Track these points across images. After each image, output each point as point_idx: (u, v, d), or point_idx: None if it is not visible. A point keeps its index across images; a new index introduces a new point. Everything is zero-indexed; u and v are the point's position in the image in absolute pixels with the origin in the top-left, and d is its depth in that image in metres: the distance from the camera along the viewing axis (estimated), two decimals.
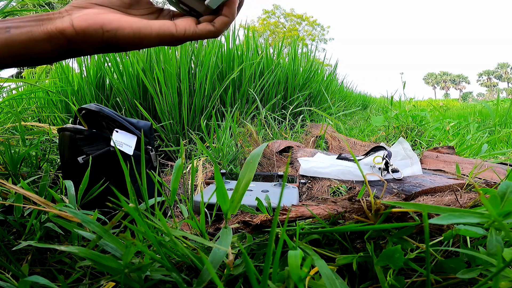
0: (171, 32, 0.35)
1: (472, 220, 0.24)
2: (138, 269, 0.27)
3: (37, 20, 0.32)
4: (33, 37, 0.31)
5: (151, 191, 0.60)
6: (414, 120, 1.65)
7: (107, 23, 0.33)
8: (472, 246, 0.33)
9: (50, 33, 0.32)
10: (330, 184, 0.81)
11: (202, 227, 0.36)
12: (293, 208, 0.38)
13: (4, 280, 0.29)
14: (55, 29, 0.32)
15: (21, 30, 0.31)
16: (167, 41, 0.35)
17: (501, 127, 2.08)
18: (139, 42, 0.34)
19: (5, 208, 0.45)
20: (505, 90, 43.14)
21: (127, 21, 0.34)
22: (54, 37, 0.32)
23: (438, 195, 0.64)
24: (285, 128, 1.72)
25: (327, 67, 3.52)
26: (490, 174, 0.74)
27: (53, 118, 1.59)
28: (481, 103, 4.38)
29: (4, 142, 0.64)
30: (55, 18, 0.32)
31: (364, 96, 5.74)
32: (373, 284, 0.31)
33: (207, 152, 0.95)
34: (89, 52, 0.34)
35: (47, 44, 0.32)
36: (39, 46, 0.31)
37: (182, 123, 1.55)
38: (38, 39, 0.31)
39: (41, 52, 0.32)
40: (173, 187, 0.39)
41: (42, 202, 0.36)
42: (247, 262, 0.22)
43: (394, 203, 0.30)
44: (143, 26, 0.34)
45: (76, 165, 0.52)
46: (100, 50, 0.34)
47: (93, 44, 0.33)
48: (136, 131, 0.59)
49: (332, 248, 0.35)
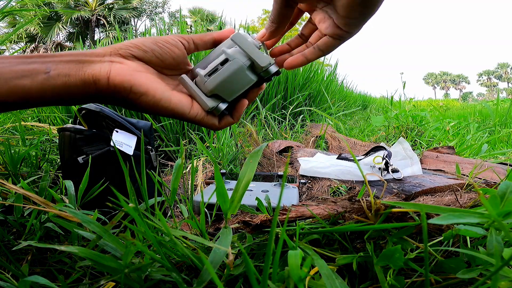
0: (184, 112, 0.36)
1: (472, 220, 0.24)
2: (138, 269, 0.27)
3: (78, 62, 0.31)
4: (68, 83, 0.31)
5: (151, 191, 0.60)
6: (414, 120, 1.65)
7: (137, 85, 0.33)
8: (472, 246, 0.33)
9: (85, 81, 0.31)
10: (330, 184, 0.81)
11: (202, 227, 0.36)
12: (293, 208, 0.38)
13: (4, 280, 0.29)
14: (92, 76, 0.31)
15: (59, 73, 0.30)
16: (178, 118, 0.37)
17: (501, 127, 2.08)
18: (154, 111, 0.35)
19: (5, 208, 0.45)
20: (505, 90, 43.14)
21: (154, 88, 0.34)
22: (87, 85, 0.32)
23: (438, 195, 0.64)
24: (285, 128, 1.72)
25: (327, 67, 3.52)
26: (490, 174, 0.74)
27: (53, 118, 1.59)
28: (481, 103, 4.38)
29: (4, 142, 0.64)
30: (95, 62, 0.32)
31: (364, 96, 5.74)
32: (373, 284, 0.31)
33: (207, 152, 0.95)
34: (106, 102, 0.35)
35: (79, 90, 0.32)
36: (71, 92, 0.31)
37: (182, 123, 1.55)
38: (72, 86, 0.31)
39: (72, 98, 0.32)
40: (173, 187, 0.39)
41: (42, 202, 0.36)
42: (247, 262, 0.22)
43: (394, 203, 0.30)
44: (164, 98, 0.35)
45: (76, 165, 0.52)
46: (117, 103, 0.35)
47: (114, 98, 0.34)
48: (136, 131, 0.59)
49: (332, 248, 0.35)
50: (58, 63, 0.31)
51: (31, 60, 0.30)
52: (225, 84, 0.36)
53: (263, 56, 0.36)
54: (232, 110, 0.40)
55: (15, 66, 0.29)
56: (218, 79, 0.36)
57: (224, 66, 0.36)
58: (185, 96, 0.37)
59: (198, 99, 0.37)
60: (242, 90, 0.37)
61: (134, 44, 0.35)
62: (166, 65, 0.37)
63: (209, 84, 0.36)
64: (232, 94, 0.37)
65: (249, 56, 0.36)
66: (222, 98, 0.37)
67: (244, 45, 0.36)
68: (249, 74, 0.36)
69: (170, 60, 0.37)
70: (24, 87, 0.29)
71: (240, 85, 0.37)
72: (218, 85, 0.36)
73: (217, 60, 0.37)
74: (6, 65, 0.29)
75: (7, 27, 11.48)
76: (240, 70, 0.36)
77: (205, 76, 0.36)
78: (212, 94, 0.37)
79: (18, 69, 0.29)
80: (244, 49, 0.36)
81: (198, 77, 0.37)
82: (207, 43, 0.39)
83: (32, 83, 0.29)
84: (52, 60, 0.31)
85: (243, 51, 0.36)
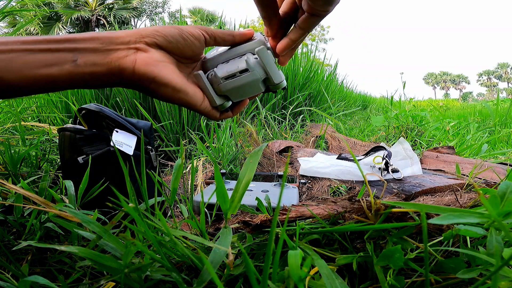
0: (197, 104, 0.38)
1: (472, 220, 0.24)
2: (138, 269, 0.27)
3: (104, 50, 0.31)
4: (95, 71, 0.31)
5: (151, 191, 0.60)
6: (414, 120, 1.65)
7: (160, 77, 0.34)
8: (472, 246, 0.33)
9: (112, 70, 0.32)
10: (330, 184, 0.81)
11: (202, 227, 0.36)
12: (293, 208, 0.38)
13: (4, 280, 0.29)
14: (118, 66, 0.32)
15: (86, 61, 0.30)
16: (189, 108, 0.38)
17: (501, 127, 2.08)
18: (170, 100, 0.36)
19: (5, 208, 0.45)
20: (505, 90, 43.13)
21: (174, 81, 0.35)
22: (113, 73, 0.32)
23: (438, 195, 0.64)
24: (285, 128, 1.72)
25: (327, 67, 3.52)
26: (490, 174, 0.74)
27: (53, 118, 1.59)
28: (481, 103, 4.38)
29: (4, 142, 0.64)
30: (121, 50, 0.32)
31: (364, 96, 5.74)
32: (373, 284, 0.31)
33: (207, 152, 0.95)
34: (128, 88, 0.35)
35: (105, 78, 0.32)
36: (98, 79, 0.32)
37: (182, 123, 1.55)
38: (99, 74, 0.31)
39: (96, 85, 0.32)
40: (173, 187, 0.39)
41: (42, 202, 0.36)
42: (247, 262, 0.22)
43: (394, 203, 0.30)
44: (182, 90, 0.36)
45: (76, 165, 0.52)
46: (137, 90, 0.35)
47: (135, 85, 0.34)
48: (136, 131, 0.59)
49: (332, 248, 0.35)
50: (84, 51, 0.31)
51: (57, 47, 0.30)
52: (238, 90, 0.39)
53: (278, 74, 0.39)
54: (234, 107, 0.43)
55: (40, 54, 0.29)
56: (233, 85, 0.38)
57: (242, 75, 0.38)
58: (198, 90, 0.38)
59: (208, 96, 0.39)
60: (248, 96, 0.40)
61: (160, 33, 0.35)
62: (185, 56, 0.38)
63: (223, 87, 0.38)
64: (239, 98, 0.40)
65: (267, 71, 0.38)
66: (229, 98, 0.40)
67: (266, 61, 0.38)
68: (261, 85, 0.39)
69: (189, 52, 0.37)
70: (52, 75, 0.29)
71: (249, 92, 0.40)
72: (231, 90, 0.39)
73: (237, 65, 0.38)
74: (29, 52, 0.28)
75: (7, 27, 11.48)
76: (254, 82, 0.38)
77: (222, 79, 0.38)
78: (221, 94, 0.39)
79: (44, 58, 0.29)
80: (265, 64, 0.38)
81: (214, 76, 0.39)
82: (226, 42, 0.40)
83: (60, 72, 0.29)
84: (79, 47, 0.30)
85: (263, 65, 0.38)
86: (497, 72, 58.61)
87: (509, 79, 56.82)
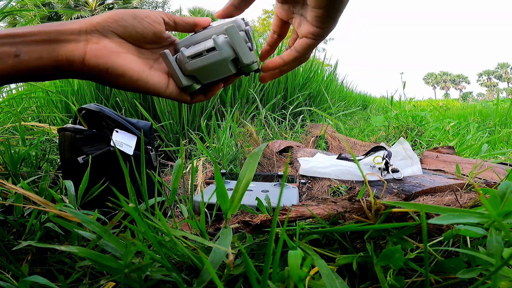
0: (160, 91, 0.37)
1: (472, 220, 0.24)
2: (138, 269, 0.27)
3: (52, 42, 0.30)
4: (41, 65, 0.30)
5: (151, 191, 0.60)
6: (414, 120, 1.65)
7: (114, 67, 0.33)
8: (472, 246, 0.33)
9: (59, 62, 0.31)
10: (330, 184, 0.81)
11: (202, 227, 0.36)
12: (293, 208, 0.38)
13: (4, 280, 0.29)
14: (66, 58, 0.31)
15: (31, 56, 0.29)
16: (153, 94, 0.38)
17: (501, 127, 2.08)
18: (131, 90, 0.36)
19: (5, 208, 0.45)
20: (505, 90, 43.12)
21: (131, 70, 0.34)
22: (61, 65, 0.31)
23: (438, 195, 0.64)
24: (285, 128, 1.72)
25: (327, 67, 3.52)
26: (490, 174, 0.74)
27: (53, 118, 1.59)
28: (481, 103, 4.38)
29: (4, 142, 0.64)
30: (71, 41, 0.31)
31: (364, 96, 5.74)
32: (373, 284, 0.31)
33: (207, 152, 0.95)
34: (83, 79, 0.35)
35: (54, 71, 0.31)
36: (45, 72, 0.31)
37: (182, 123, 1.55)
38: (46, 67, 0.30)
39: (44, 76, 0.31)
40: (173, 187, 0.39)
41: (42, 202, 0.36)
42: (247, 262, 0.22)
43: (394, 203, 0.30)
44: (141, 79, 0.35)
45: (76, 165, 0.52)
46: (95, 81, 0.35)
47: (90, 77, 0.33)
48: (136, 131, 0.59)
49: (332, 248, 0.35)
50: (29, 44, 0.29)
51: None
52: (205, 69, 0.37)
53: (248, 54, 0.37)
54: (207, 91, 0.42)
55: None
56: (199, 64, 0.37)
57: (209, 54, 0.37)
58: (161, 75, 0.38)
59: (174, 76, 0.38)
60: (218, 77, 0.39)
61: (113, 19, 0.34)
62: (147, 40, 0.37)
63: (189, 66, 0.37)
64: (208, 79, 0.39)
65: (236, 50, 0.37)
66: (197, 80, 0.39)
67: (235, 39, 0.36)
68: (230, 66, 0.38)
69: (150, 35, 0.36)
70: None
71: (218, 73, 0.38)
72: (197, 69, 0.37)
73: (204, 45, 0.37)
74: None
75: (7, 27, 11.49)
76: (223, 61, 0.37)
77: (188, 57, 0.37)
78: (189, 75, 0.38)
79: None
80: (234, 43, 0.36)
81: (181, 56, 0.37)
82: (186, 25, 0.40)
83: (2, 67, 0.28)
84: (23, 40, 0.29)
85: (232, 44, 0.36)
86: (497, 72, 58.60)
87: (509, 79, 56.82)
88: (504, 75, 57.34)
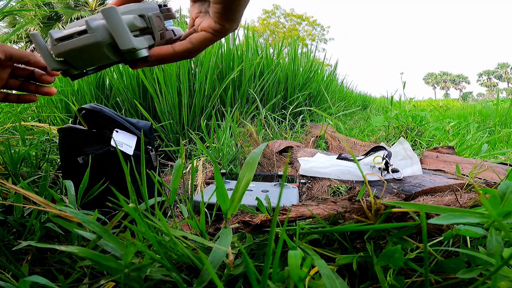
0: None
1: (472, 220, 0.24)
2: (138, 269, 0.27)
3: None
4: None
5: (151, 191, 0.60)
6: (414, 120, 1.65)
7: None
8: (472, 246, 0.33)
9: None
10: (330, 184, 0.81)
11: (202, 227, 0.36)
12: (293, 208, 0.38)
13: (4, 280, 0.29)
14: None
15: None
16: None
17: (501, 127, 2.08)
18: None
19: (5, 208, 0.45)
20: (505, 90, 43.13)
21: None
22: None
23: (438, 195, 0.64)
24: (285, 128, 1.72)
25: (327, 67, 3.52)
26: (490, 174, 0.74)
27: (53, 118, 1.59)
28: (481, 103, 4.38)
29: (4, 142, 0.64)
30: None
31: (364, 96, 5.74)
32: (373, 284, 0.31)
33: (207, 152, 0.95)
34: None
35: None
36: None
37: (182, 123, 1.55)
38: None
39: None
40: (173, 187, 0.39)
41: (42, 202, 0.36)
42: (247, 262, 0.22)
43: (394, 203, 0.30)
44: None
45: (76, 165, 0.52)
46: None
47: None
48: (136, 131, 0.59)
49: (332, 248, 0.35)
50: None
51: None
52: (76, 54, 0.34)
53: (126, 39, 0.33)
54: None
55: None
56: (69, 47, 0.34)
57: (80, 37, 0.33)
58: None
59: (44, 59, 0.36)
60: (98, 64, 0.36)
61: None
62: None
63: (56, 49, 0.34)
64: (84, 65, 0.36)
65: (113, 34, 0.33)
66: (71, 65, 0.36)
67: (112, 22, 0.33)
68: (107, 52, 0.34)
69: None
70: None
71: (95, 59, 0.35)
72: (68, 53, 0.34)
73: (76, 28, 0.34)
74: None
75: (7, 27, 11.47)
76: (96, 46, 0.33)
77: (56, 40, 0.34)
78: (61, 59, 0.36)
79: None
80: (110, 26, 0.33)
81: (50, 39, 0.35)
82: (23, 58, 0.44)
83: None
84: None
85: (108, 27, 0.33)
86: (497, 72, 58.60)
87: (509, 79, 56.83)
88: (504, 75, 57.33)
